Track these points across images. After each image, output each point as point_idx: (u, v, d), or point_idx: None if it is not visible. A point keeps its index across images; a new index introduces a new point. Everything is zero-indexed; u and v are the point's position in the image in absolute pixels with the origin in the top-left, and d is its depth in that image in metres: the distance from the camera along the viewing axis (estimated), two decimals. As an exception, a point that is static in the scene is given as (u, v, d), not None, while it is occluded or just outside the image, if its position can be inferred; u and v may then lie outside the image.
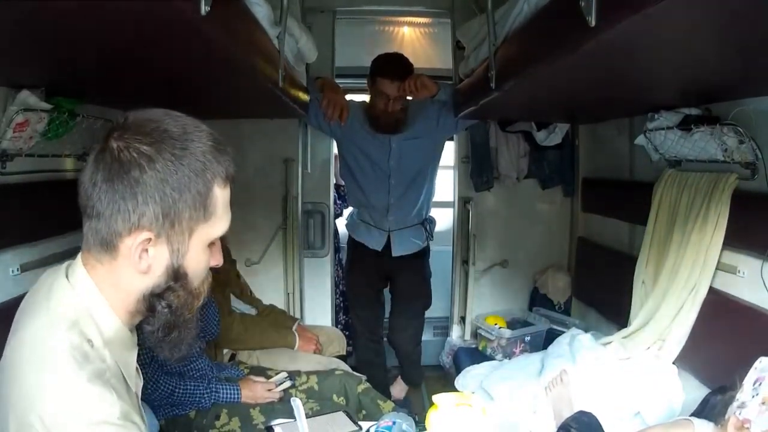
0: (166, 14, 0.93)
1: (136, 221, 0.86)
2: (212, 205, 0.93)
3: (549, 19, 1.33)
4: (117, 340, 0.93)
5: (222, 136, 0.99)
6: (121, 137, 0.87)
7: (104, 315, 0.91)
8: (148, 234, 0.87)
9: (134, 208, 0.86)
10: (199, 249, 0.94)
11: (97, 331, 0.89)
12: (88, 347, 0.87)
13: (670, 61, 1.32)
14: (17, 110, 1.48)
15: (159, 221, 0.87)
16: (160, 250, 0.90)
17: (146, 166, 0.85)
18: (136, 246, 0.87)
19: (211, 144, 0.92)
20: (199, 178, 0.90)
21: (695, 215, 1.87)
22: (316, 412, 1.92)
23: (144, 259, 0.89)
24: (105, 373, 0.87)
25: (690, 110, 1.87)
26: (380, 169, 2.90)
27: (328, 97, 2.80)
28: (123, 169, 0.85)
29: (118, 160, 0.85)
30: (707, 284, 1.81)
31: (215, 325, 2.08)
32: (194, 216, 0.91)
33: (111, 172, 0.86)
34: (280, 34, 1.75)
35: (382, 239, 2.98)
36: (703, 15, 0.92)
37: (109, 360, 0.90)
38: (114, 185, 0.85)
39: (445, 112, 2.82)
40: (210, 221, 0.93)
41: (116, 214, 0.86)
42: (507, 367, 2.39)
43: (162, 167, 0.86)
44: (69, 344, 0.85)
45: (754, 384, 1.27)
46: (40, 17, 0.93)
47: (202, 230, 0.93)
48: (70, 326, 0.86)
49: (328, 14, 3.19)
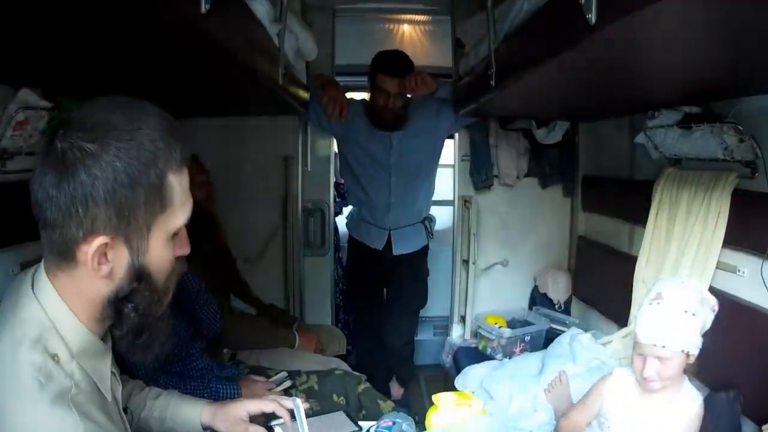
0: (166, 12, 0.93)
1: (89, 226, 0.81)
2: (169, 195, 0.87)
3: (549, 16, 1.32)
4: (86, 350, 0.89)
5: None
6: (65, 136, 0.81)
7: (70, 326, 0.87)
8: (104, 238, 0.82)
9: (85, 213, 0.80)
10: (161, 244, 0.88)
11: (63, 345, 0.85)
12: (53, 364, 0.83)
13: (670, 59, 1.31)
14: (17, 109, 1.47)
15: (113, 222, 0.82)
16: (119, 252, 0.85)
17: (92, 166, 0.79)
18: (93, 252, 0.82)
19: (161, 128, 0.85)
20: (150, 169, 0.83)
21: (695, 214, 1.87)
22: (316, 411, 1.92)
23: (104, 265, 0.84)
24: (69, 392, 0.83)
25: (690, 108, 1.87)
26: (381, 166, 2.90)
27: (328, 94, 2.80)
28: (68, 171, 0.79)
29: (62, 163, 0.80)
30: (707, 284, 1.80)
31: (216, 324, 2.08)
32: (150, 210, 0.85)
33: (58, 177, 0.80)
34: (280, 32, 1.75)
35: (383, 238, 2.98)
36: (703, 13, 0.92)
37: (78, 374, 0.86)
38: (62, 190, 0.80)
39: (445, 109, 2.82)
40: (168, 212, 0.88)
41: (68, 221, 0.81)
42: (507, 366, 2.39)
43: (107, 164, 0.80)
44: (30, 365, 0.81)
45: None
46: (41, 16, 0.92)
47: (161, 223, 0.87)
48: (32, 344, 0.83)
49: (328, 12, 3.19)
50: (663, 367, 1.44)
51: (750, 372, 1.60)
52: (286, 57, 1.89)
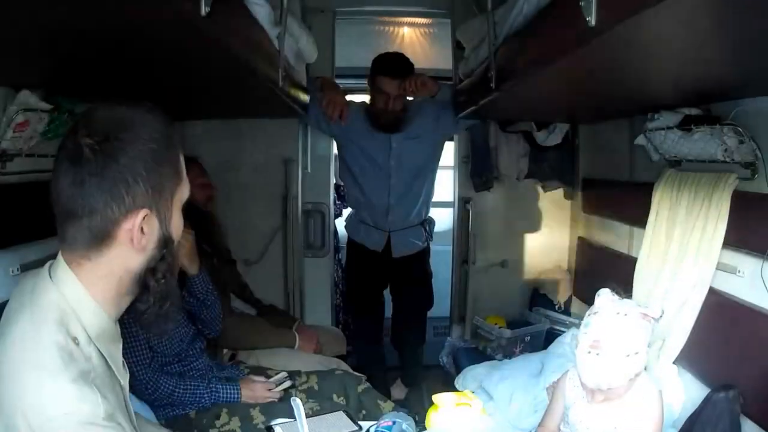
0: (167, 14, 0.93)
1: (132, 203, 0.91)
2: (181, 168, 1.01)
3: (549, 19, 1.33)
4: (103, 334, 0.95)
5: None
6: (91, 134, 0.90)
7: (89, 310, 0.93)
8: (145, 211, 0.92)
9: (127, 191, 0.90)
10: (177, 213, 1.01)
11: (82, 329, 0.91)
12: (74, 346, 0.88)
13: (669, 61, 1.32)
14: (17, 110, 1.48)
15: (149, 195, 0.93)
16: (153, 224, 0.95)
17: (129, 150, 0.90)
18: (137, 226, 0.92)
19: (163, 118, 0.98)
20: (170, 145, 0.97)
21: (695, 215, 1.87)
22: (316, 412, 1.92)
23: (143, 237, 0.93)
24: (90, 374, 0.88)
25: (690, 110, 1.87)
26: (380, 168, 2.90)
27: (328, 96, 2.81)
28: (110, 158, 0.89)
29: (101, 153, 0.89)
30: (707, 284, 1.80)
31: (218, 325, 2.08)
32: (173, 181, 0.98)
33: (97, 166, 0.89)
34: (280, 34, 1.75)
35: (382, 240, 2.98)
36: (702, 15, 0.92)
37: (95, 358, 0.92)
38: (104, 176, 0.89)
39: (445, 111, 2.82)
40: (182, 183, 1.01)
41: (110, 203, 0.90)
42: (507, 367, 2.39)
43: (144, 145, 0.92)
44: (55, 344, 0.86)
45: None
46: (41, 17, 0.93)
47: (178, 194, 1.00)
48: (56, 325, 0.88)
49: (328, 14, 3.20)
50: (610, 392, 1.42)
51: (750, 372, 1.60)
52: (286, 59, 1.89)
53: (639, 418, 1.46)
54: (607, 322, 1.40)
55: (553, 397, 1.65)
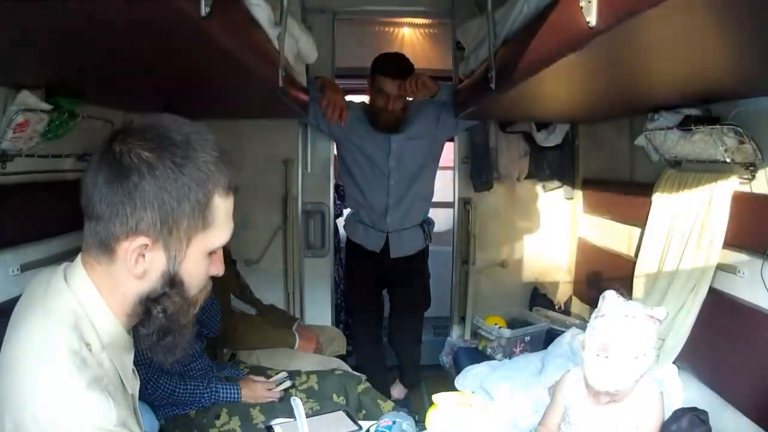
0: (167, 15, 0.93)
1: (134, 226, 0.87)
2: (212, 215, 0.93)
3: (549, 19, 1.33)
4: (115, 342, 0.93)
5: (222, 136, 0.99)
6: (124, 141, 0.87)
7: (103, 317, 0.91)
8: (145, 240, 0.88)
9: (132, 213, 0.86)
10: (197, 257, 0.94)
11: (96, 335, 0.90)
12: (87, 352, 0.87)
13: (670, 61, 1.32)
14: (17, 110, 1.48)
15: (156, 228, 0.88)
16: (157, 256, 0.90)
17: (146, 173, 0.86)
18: (132, 250, 0.88)
19: (216, 154, 0.92)
20: (199, 187, 0.90)
21: (695, 215, 1.87)
22: (316, 411, 1.92)
23: (140, 264, 0.89)
24: (103, 379, 0.87)
25: (690, 110, 1.87)
26: (380, 169, 2.90)
27: (328, 97, 2.81)
28: (123, 173, 0.86)
29: (119, 163, 0.86)
30: (707, 284, 1.80)
31: (217, 322, 2.08)
32: (192, 225, 0.91)
33: (111, 175, 0.86)
34: (280, 35, 1.75)
35: (381, 241, 2.98)
36: (702, 16, 0.92)
37: (107, 364, 0.91)
38: (113, 188, 0.86)
39: (445, 112, 2.82)
40: (209, 230, 0.94)
41: (114, 218, 0.87)
42: (507, 367, 2.39)
43: (161, 174, 0.86)
44: (68, 348, 0.85)
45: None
46: (41, 17, 0.93)
47: (200, 239, 0.93)
48: (70, 330, 0.86)
49: (328, 15, 3.19)
50: (617, 394, 1.43)
51: (750, 372, 1.60)
52: (285, 60, 1.89)
53: (640, 419, 1.47)
54: (615, 325, 1.40)
55: (553, 396, 1.65)
